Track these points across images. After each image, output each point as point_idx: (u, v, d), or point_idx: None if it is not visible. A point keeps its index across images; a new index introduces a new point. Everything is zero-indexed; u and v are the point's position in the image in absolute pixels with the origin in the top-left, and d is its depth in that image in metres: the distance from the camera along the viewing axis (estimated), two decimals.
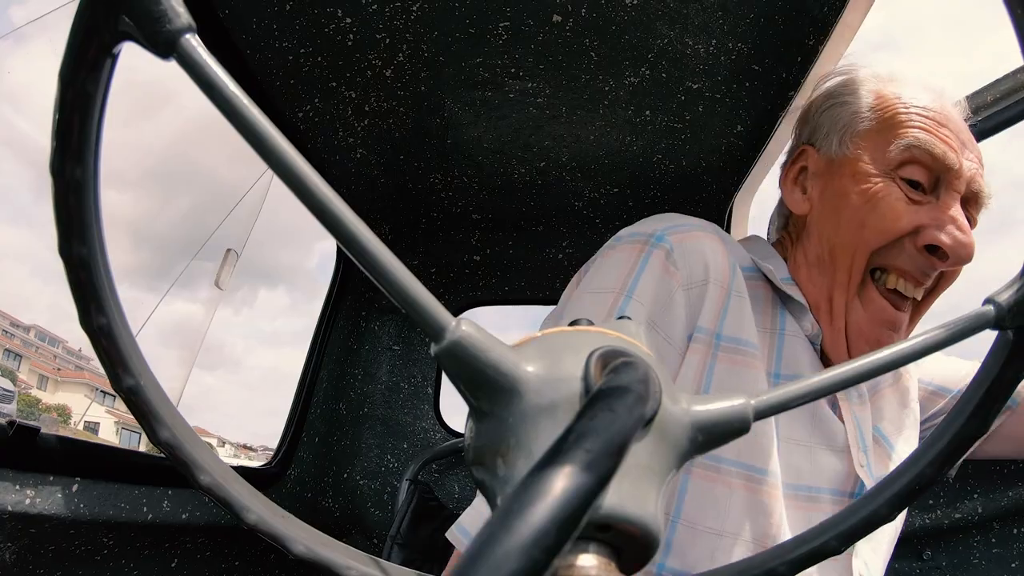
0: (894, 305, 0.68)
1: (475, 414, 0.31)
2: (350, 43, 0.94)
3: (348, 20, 0.90)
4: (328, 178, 0.28)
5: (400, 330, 1.62)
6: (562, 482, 0.18)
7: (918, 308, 0.71)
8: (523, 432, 0.29)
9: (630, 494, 0.27)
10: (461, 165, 1.26)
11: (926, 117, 0.70)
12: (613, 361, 0.28)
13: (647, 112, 1.08)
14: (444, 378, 1.61)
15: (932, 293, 0.71)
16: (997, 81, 0.92)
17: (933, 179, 0.68)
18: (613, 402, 0.23)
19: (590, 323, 0.36)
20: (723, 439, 0.32)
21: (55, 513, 0.72)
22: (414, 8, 0.88)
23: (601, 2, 0.85)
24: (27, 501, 0.70)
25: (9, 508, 0.68)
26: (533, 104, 1.07)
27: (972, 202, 0.70)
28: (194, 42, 0.26)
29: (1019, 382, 0.37)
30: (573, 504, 0.18)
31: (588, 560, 0.26)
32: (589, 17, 0.88)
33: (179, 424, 0.37)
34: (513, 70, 1.00)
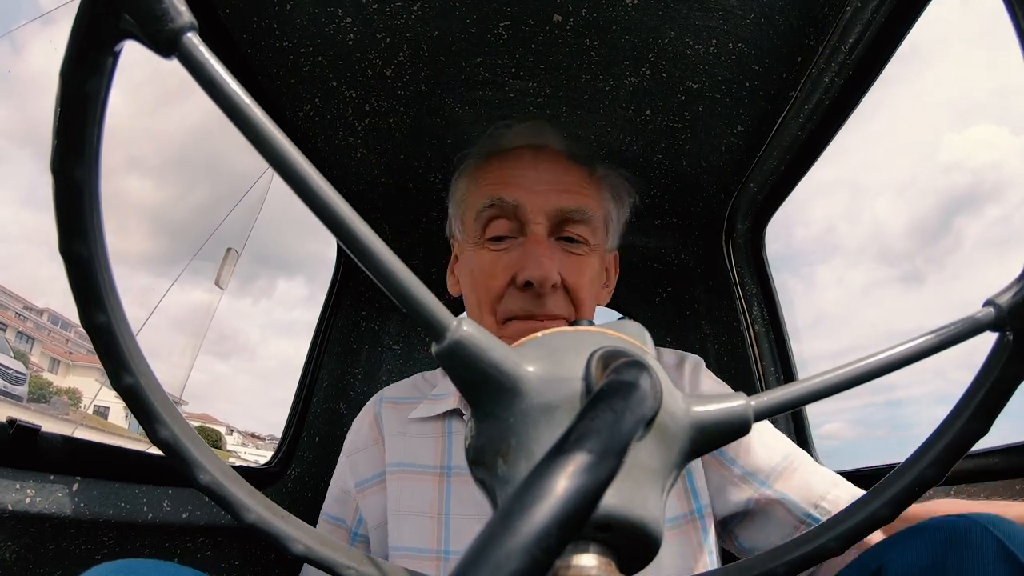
0: None
1: (476, 414, 0.31)
2: (350, 43, 0.94)
3: (348, 20, 0.90)
4: (328, 177, 0.27)
5: (400, 330, 1.62)
6: (563, 482, 0.18)
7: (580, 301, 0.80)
8: (524, 432, 0.29)
9: (631, 494, 0.27)
10: None
11: (499, 172, 0.83)
12: (614, 362, 0.28)
13: (647, 112, 1.08)
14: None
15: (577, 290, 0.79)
16: None
17: (517, 225, 0.80)
18: (614, 402, 0.23)
19: (591, 323, 0.36)
20: (723, 439, 0.32)
21: (55, 512, 0.72)
22: (414, 8, 0.88)
23: (601, 2, 0.85)
24: (27, 500, 0.70)
25: (9, 507, 0.68)
26: (533, 104, 1.07)
27: (569, 222, 0.80)
28: (196, 41, 0.26)
29: (1019, 383, 0.37)
30: (575, 504, 0.18)
31: (588, 560, 0.26)
32: (589, 17, 0.88)
33: (179, 423, 0.37)
34: (513, 70, 1.00)
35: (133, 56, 0.32)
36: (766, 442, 0.79)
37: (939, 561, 0.44)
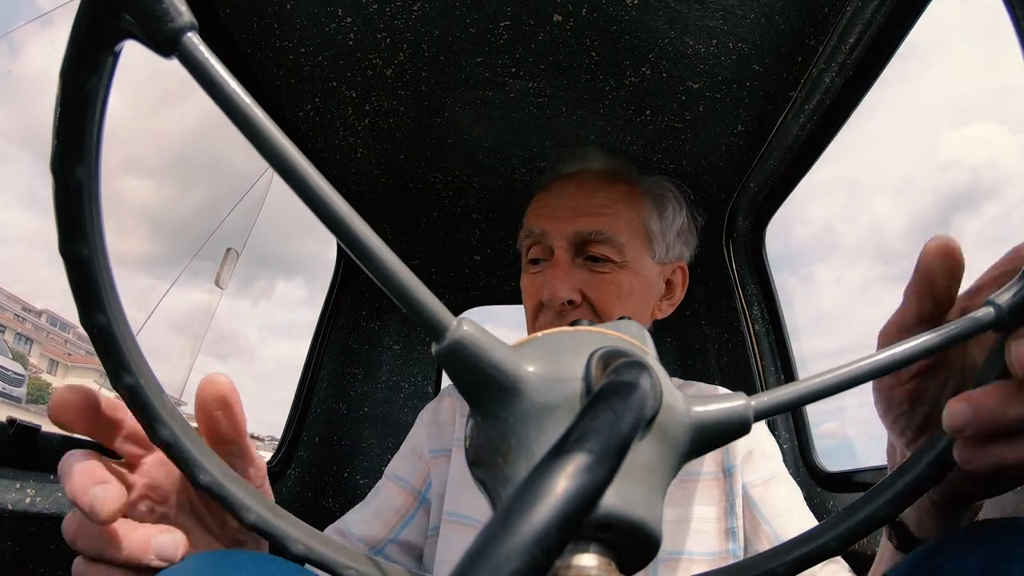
0: None
1: (476, 414, 0.31)
2: (350, 43, 0.94)
3: (348, 20, 0.90)
4: (328, 177, 0.27)
5: (400, 330, 1.62)
6: (564, 482, 0.18)
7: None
8: (524, 432, 0.29)
9: (631, 494, 0.27)
10: (461, 165, 1.26)
11: (538, 204, 0.92)
12: (614, 361, 0.28)
13: (647, 112, 1.08)
14: (445, 378, 1.61)
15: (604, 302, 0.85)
16: None
17: (547, 249, 0.88)
18: (614, 402, 0.23)
19: (591, 323, 0.36)
20: (723, 439, 0.32)
21: (55, 512, 0.72)
22: (414, 8, 0.88)
23: (601, 2, 0.85)
24: (27, 500, 0.70)
25: (9, 507, 0.68)
26: (533, 104, 1.07)
27: (590, 243, 0.86)
28: (196, 40, 0.26)
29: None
30: (575, 504, 0.18)
31: (588, 560, 0.26)
32: (589, 17, 0.88)
33: (179, 423, 0.37)
34: (513, 70, 1.00)
35: (133, 56, 0.32)
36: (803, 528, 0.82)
37: (1008, 562, 0.41)
